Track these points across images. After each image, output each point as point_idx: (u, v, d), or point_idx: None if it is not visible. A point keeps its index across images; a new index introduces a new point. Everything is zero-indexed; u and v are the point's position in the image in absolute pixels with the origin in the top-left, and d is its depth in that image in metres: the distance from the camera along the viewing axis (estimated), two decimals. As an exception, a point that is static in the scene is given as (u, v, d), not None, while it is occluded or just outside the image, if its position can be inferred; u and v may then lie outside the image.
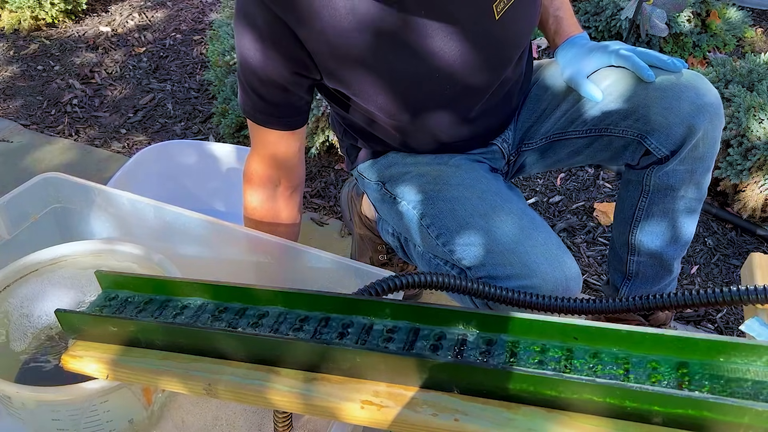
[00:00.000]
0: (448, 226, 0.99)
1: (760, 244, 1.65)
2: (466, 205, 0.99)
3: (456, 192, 1.01)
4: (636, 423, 0.57)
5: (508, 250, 0.94)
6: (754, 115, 1.61)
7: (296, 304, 0.73)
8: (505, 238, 0.94)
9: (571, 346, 0.63)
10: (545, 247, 0.94)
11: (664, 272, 1.21)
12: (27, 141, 2.01)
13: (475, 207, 0.99)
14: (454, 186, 1.02)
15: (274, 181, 1.08)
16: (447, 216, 0.99)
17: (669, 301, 0.70)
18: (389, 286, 0.73)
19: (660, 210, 1.13)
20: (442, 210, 1.00)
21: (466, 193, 1.00)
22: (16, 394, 0.85)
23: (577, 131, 1.11)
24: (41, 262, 1.05)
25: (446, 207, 1.00)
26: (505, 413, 0.60)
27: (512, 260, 0.93)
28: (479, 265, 0.95)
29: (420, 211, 1.03)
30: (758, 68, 1.74)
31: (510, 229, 0.96)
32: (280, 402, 0.67)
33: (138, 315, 0.77)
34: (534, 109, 1.16)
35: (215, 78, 1.98)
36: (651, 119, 1.03)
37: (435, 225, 1.01)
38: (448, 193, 1.02)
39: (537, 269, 0.92)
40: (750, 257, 0.82)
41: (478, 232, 0.96)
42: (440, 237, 1.00)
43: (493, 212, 0.97)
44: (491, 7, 0.94)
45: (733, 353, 0.58)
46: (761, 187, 1.61)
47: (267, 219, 1.11)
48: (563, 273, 0.93)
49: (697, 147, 1.05)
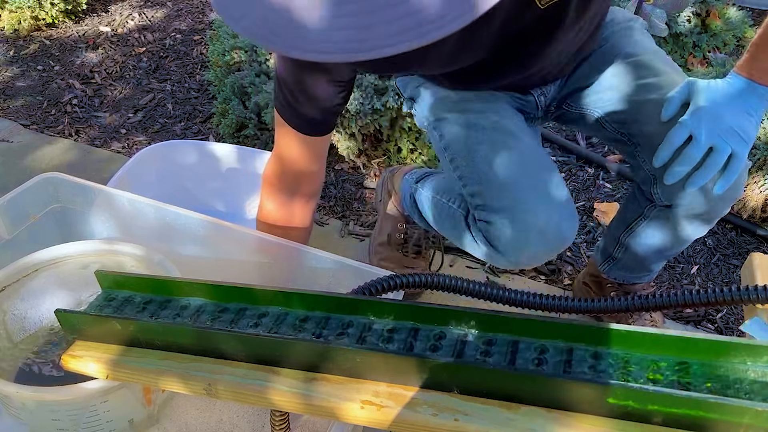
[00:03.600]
0: (459, 150, 1.03)
1: (760, 244, 1.65)
2: (479, 133, 1.01)
3: (474, 119, 1.03)
4: (636, 423, 0.57)
5: (505, 182, 0.95)
6: (754, 115, 1.61)
7: (296, 304, 0.73)
8: (505, 170, 0.96)
9: (571, 346, 0.63)
10: (543, 187, 0.95)
11: (642, 270, 1.26)
12: (27, 141, 2.01)
13: (486, 136, 1.00)
14: (475, 113, 1.04)
15: (292, 186, 1.07)
16: (460, 142, 1.03)
17: (669, 301, 0.70)
18: (388, 286, 0.73)
19: (655, 231, 1.14)
20: (457, 135, 1.04)
21: (483, 122, 1.02)
22: (16, 394, 0.85)
23: (612, 126, 1.07)
24: (41, 262, 1.05)
25: (461, 133, 1.03)
26: (505, 413, 0.60)
27: (506, 193, 0.95)
28: (477, 193, 0.98)
29: (440, 132, 1.08)
30: (758, 68, 1.74)
31: (512, 163, 0.97)
32: (279, 402, 0.67)
33: (138, 315, 0.77)
34: (590, 77, 1.09)
35: (215, 78, 1.98)
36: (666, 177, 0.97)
37: (450, 149, 1.05)
38: (466, 118, 1.04)
39: (528, 205, 0.93)
40: (750, 257, 0.82)
41: (483, 161, 0.99)
42: (453, 161, 1.04)
43: (502, 145, 0.99)
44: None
45: (733, 353, 0.58)
46: (761, 187, 1.61)
47: (280, 223, 1.10)
48: (557, 214, 0.94)
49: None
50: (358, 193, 1.80)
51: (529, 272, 1.55)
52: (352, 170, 1.88)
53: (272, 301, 0.75)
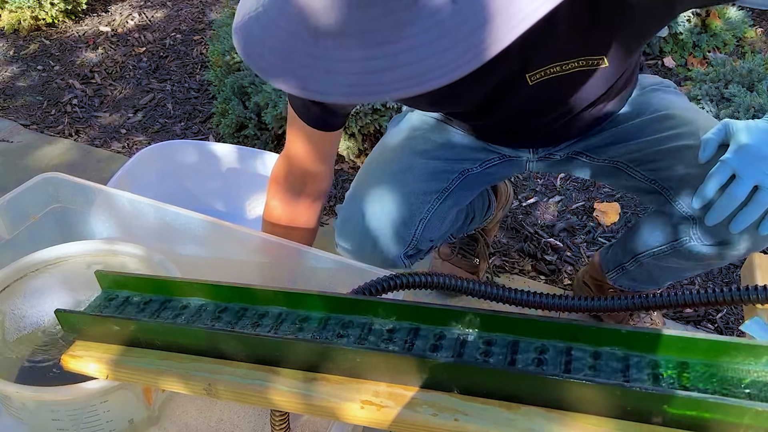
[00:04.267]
0: (358, 176, 1.12)
1: (760, 244, 1.65)
2: (375, 170, 1.10)
3: (385, 157, 1.11)
4: (636, 423, 0.57)
5: (364, 181, 1.08)
6: (754, 115, 1.61)
7: (296, 304, 0.73)
8: (371, 175, 1.09)
9: (571, 346, 0.63)
10: (386, 203, 1.04)
11: (652, 284, 1.23)
12: (27, 141, 2.01)
13: (375, 174, 1.09)
14: (394, 152, 1.11)
15: (298, 185, 1.08)
16: (363, 170, 1.13)
17: (669, 301, 0.70)
18: (388, 285, 0.73)
19: (680, 260, 1.09)
20: (366, 169, 1.12)
21: (390, 166, 1.09)
22: (16, 394, 0.85)
23: (642, 174, 1.03)
24: (41, 262, 1.05)
25: (368, 167, 1.12)
26: (505, 413, 0.60)
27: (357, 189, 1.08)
28: (339, 220, 1.10)
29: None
30: (758, 68, 1.74)
31: (383, 172, 1.08)
32: (280, 402, 0.67)
33: (138, 315, 0.77)
34: (615, 132, 1.07)
35: (215, 78, 1.98)
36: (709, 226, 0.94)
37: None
38: (384, 155, 1.12)
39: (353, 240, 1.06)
40: (750, 257, 0.82)
41: (368, 163, 1.12)
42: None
43: (381, 189, 1.08)
44: (523, 76, 0.90)
45: (733, 353, 0.58)
46: (761, 187, 1.61)
47: (284, 221, 1.11)
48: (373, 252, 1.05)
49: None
50: (358, 193, 1.80)
51: (529, 272, 1.55)
52: (352, 170, 1.88)
53: (272, 301, 0.75)
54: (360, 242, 1.07)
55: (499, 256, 1.59)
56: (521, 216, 1.72)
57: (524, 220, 1.70)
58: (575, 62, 0.88)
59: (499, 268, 1.56)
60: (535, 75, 0.90)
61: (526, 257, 1.59)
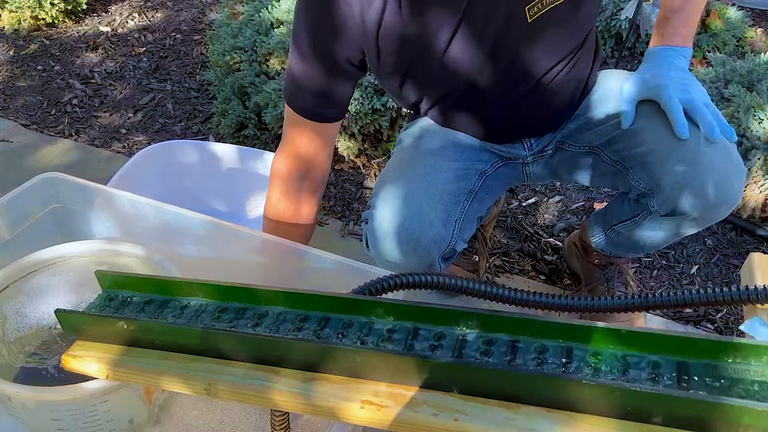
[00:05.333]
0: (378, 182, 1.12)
1: (759, 244, 1.65)
2: (402, 174, 1.10)
3: (408, 162, 1.12)
4: (636, 423, 0.57)
5: (389, 183, 1.08)
6: (754, 115, 1.61)
7: (296, 304, 0.73)
8: (395, 178, 1.09)
9: (571, 346, 0.63)
10: (414, 197, 1.05)
11: (631, 251, 1.31)
12: (27, 141, 2.01)
13: (403, 178, 1.09)
14: (413, 158, 1.13)
15: (300, 175, 1.10)
16: (387, 176, 1.12)
17: (668, 301, 0.70)
18: (388, 285, 0.73)
19: (649, 231, 1.16)
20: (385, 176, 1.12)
21: (413, 170, 1.10)
22: (16, 394, 0.85)
23: (610, 157, 1.12)
24: (41, 262, 1.05)
25: (392, 173, 1.12)
26: (505, 413, 0.60)
27: (382, 193, 1.08)
28: (373, 226, 1.08)
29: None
30: (758, 68, 1.74)
31: (404, 175, 1.09)
32: (280, 402, 0.67)
33: (138, 315, 0.77)
34: (585, 118, 1.15)
35: (215, 78, 1.98)
36: (662, 188, 1.03)
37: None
38: (405, 163, 1.13)
39: (387, 206, 1.05)
40: (750, 257, 0.82)
41: (389, 168, 1.13)
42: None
43: (415, 161, 1.10)
44: (523, 9, 0.95)
45: (733, 353, 0.58)
46: (761, 187, 1.61)
47: (286, 216, 1.13)
48: (411, 220, 1.04)
49: (697, 221, 1.07)
50: (358, 193, 1.80)
51: (529, 272, 1.55)
52: (352, 170, 1.88)
53: (272, 301, 0.75)
54: (400, 246, 1.05)
55: (499, 256, 1.59)
56: (521, 216, 1.72)
57: (524, 220, 1.70)
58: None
59: (499, 268, 1.56)
60: (533, 8, 0.95)
61: (526, 257, 1.59)
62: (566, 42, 1.05)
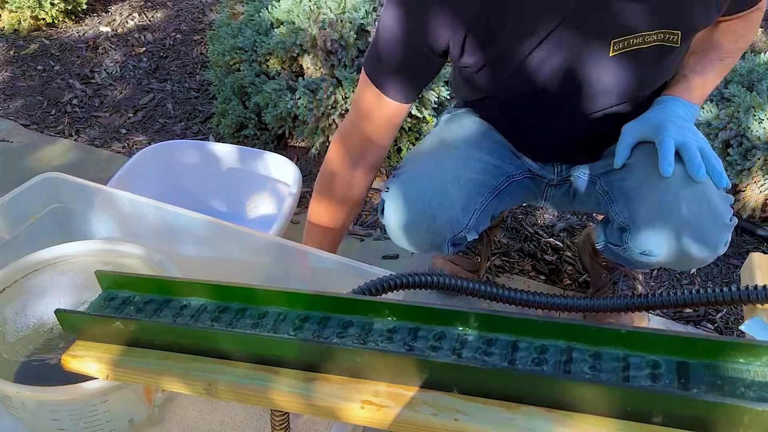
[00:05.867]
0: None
1: (759, 244, 1.65)
2: (435, 151, 1.12)
3: (437, 142, 1.15)
4: (636, 423, 0.57)
5: (416, 159, 1.12)
6: (754, 115, 1.61)
7: (296, 304, 0.73)
8: (423, 154, 1.12)
9: (571, 346, 0.63)
10: (437, 176, 1.06)
11: (634, 267, 1.28)
12: (27, 141, 2.01)
13: (436, 155, 1.11)
14: (443, 141, 1.15)
15: (359, 150, 1.11)
16: (420, 151, 1.16)
17: (669, 300, 0.70)
18: (388, 285, 0.73)
19: (635, 258, 1.14)
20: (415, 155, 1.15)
21: (441, 149, 1.12)
22: (16, 394, 0.85)
23: (602, 187, 1.14)
24: (41, 262, 1.05)
25: (426, 148, 1.15)
26: (505, 413, 0.60)
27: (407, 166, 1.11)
28: (397, 190, 1.10)
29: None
30: (758, 68, 1.74)
31: (432, 152, 1.11)
32: (280, 402, 0.67)
33: (138, 315, 0.77)
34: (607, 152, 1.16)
35: (215, 78, 1.98)
36: (637, 225, 1.03)
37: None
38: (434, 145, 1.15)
39: (413, 179, 1.07)
40: (750, 257, 0.82)
41: (418, 148, 1.17)
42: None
43: (442, 143, 1.13)
44: (609, 41, 0.96)
45: (733, 353, 0.58)
46: (761, 187, 1.61)
47: (339, 185, 1.13)
48: (434, 197, 1.06)
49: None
50: (358, 193, 1.80)
51: (529, 272, 1.55)
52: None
53: (272, 301, 0.75)
54: (416, 218, 1.07)
55: (499, 256, 1.59)
56: (521, 216, 1.72)
57: (524, 220, 1.70)
58: (655, 35, 0.95)
59: (499, 268, 1.56)
60: (619, 43, 0.95)
61: (526, 257, 1.59)
62: (638, 87, 1.05)
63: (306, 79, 1.75)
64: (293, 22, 1.75)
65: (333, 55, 1.72)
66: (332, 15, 1.71)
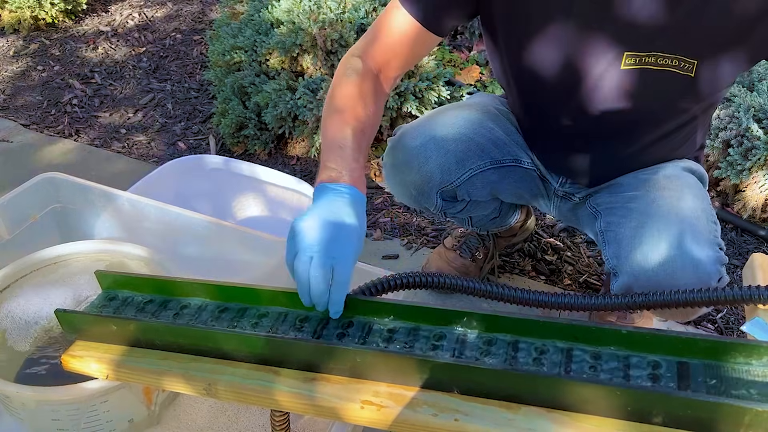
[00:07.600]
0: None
1: (760, 245, 1.64)
2: (450, 111, 1.16)
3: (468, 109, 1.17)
4: (636, 423, 0.57)
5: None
6: (754, 115, 1.61)
7: (296, 304, 0.73)
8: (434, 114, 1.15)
9: (571, 346, 0.63)
10: (441, 129, 1.10)
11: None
12: (27, 141, 2.01)
13: (450, 113, 1.14)
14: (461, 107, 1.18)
15: (376, 65, 1.00)
16: (437, 110, 1.19)
17: (671, 300, 0.70)
18: (388, 285, 0.73)
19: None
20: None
21: (457, 112, 1.15)
22: (16, 394, 0.85)
23: (600, 226, 1.10)
24: (41, 261, 1.05)
25: (443, 108, 1.19)
26: (505, 413, 0.60)
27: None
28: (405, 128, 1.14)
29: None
30: (758, 68, 1.74)
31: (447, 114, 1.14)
32: (280, 402, 0.67)
33: (138, 315, 0.77)
34: (616, 186, 1.12)
35: (215, 78, 1.98)
36: (624, 282, 0.99)
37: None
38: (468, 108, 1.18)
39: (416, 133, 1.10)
40: (751, 258, 0.82)
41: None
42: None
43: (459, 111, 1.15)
44: (623, 52, 0.93)
45: (733, 353, 0.58)
46: (761, 187, 1.61)
47: (354, 93, 0.97)
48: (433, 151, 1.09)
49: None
50: (358, 193, 1.80)
51: (529, 272, 1.55)
52: (352, 170, 1.87)
53: (272, 301, 0.75)
54: (411, 156, 1.10)
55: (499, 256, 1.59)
56: (521, 216, 1.72)
57: (524, 220, 1.70)
58: (670, 58, 0.92)
59: (499, 268, 1.56)
60: (630, 57, 0.93)
61: (526, 257, 1.59)
62: (643, 114, 1.00)
63: (306, 78, 1.75)
64: (293, 21, 1.75)
65: (333, 55, 1.71)
66: (332, 15, 1.71)
